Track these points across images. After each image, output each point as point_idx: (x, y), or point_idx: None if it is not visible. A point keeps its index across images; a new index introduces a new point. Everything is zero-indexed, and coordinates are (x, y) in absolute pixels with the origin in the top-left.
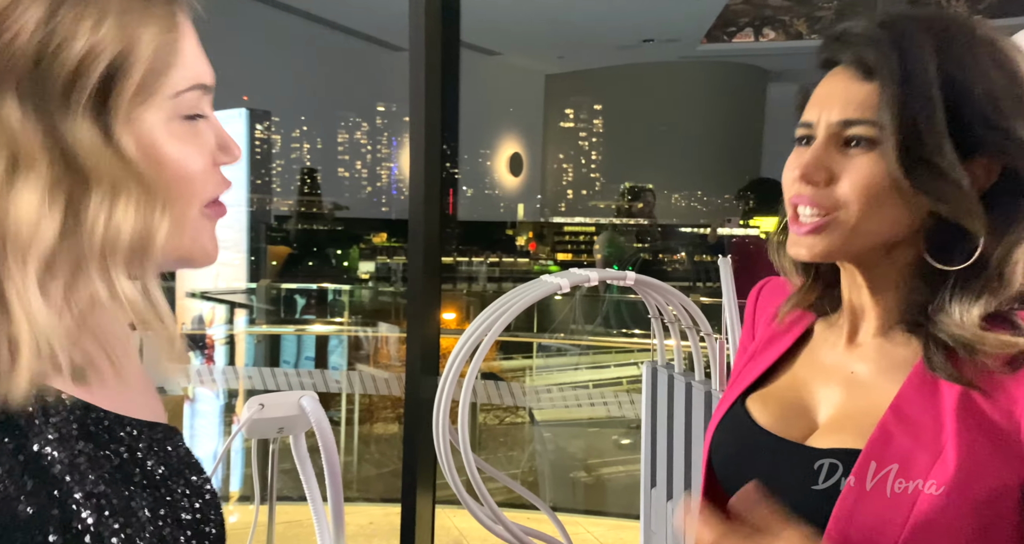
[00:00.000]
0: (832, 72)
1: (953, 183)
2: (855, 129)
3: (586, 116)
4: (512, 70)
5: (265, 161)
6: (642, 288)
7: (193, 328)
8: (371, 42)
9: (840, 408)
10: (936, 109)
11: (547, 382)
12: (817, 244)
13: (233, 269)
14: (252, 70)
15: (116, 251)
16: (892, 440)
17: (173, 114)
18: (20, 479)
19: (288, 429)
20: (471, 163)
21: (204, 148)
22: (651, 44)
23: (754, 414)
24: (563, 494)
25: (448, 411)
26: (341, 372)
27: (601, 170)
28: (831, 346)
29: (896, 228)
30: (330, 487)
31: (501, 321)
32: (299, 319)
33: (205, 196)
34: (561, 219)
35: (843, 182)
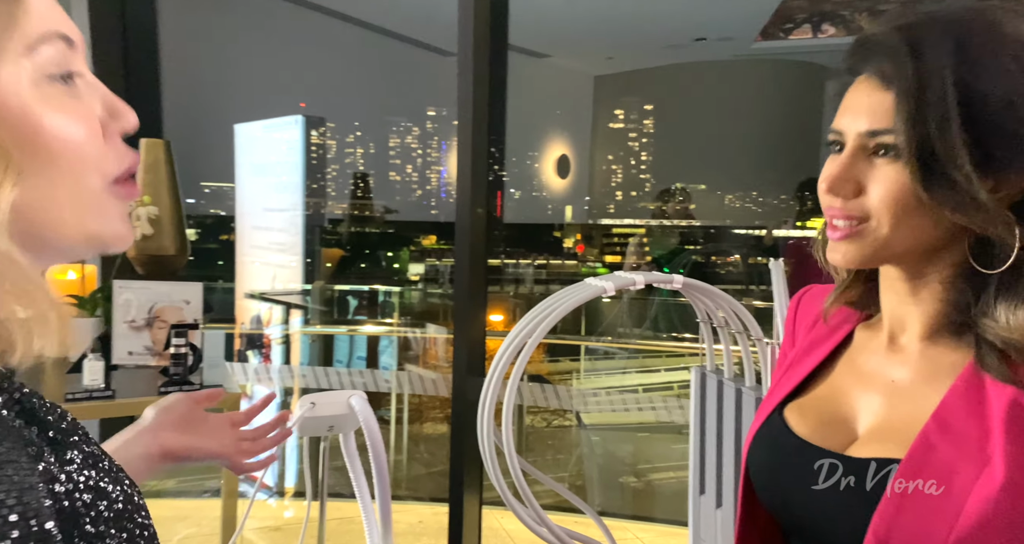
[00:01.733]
0: (858, 80)
1: (970, 196)
2: (881, 139)
3: (636, 116)
4: (561, 72)
5: (320, 166)
6: (690, 292)
7: (251, 328)
8: (422, 48)
9: (880, 417)
10: (951, 121)
11: (595, 385)
12: (850, 251)
13: (289, 271)
14: (309, 78)
15: None
16: (934, 450)
17: (39, 75)
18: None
19: (338, 427)
20: (519, 166)
21: (86, 113)
22: (703, 43)
23: (791, 423)
24: (611, 499)
25: (492, 413)
26: (391, 372)
27: (651, 171)
28: (871, 352)
29: (929, 236)
30: (378, 484)
31: (545, 324)
32: (351, 320)
33: (104, 169)
34: (610, 221)
35: (871, 193)
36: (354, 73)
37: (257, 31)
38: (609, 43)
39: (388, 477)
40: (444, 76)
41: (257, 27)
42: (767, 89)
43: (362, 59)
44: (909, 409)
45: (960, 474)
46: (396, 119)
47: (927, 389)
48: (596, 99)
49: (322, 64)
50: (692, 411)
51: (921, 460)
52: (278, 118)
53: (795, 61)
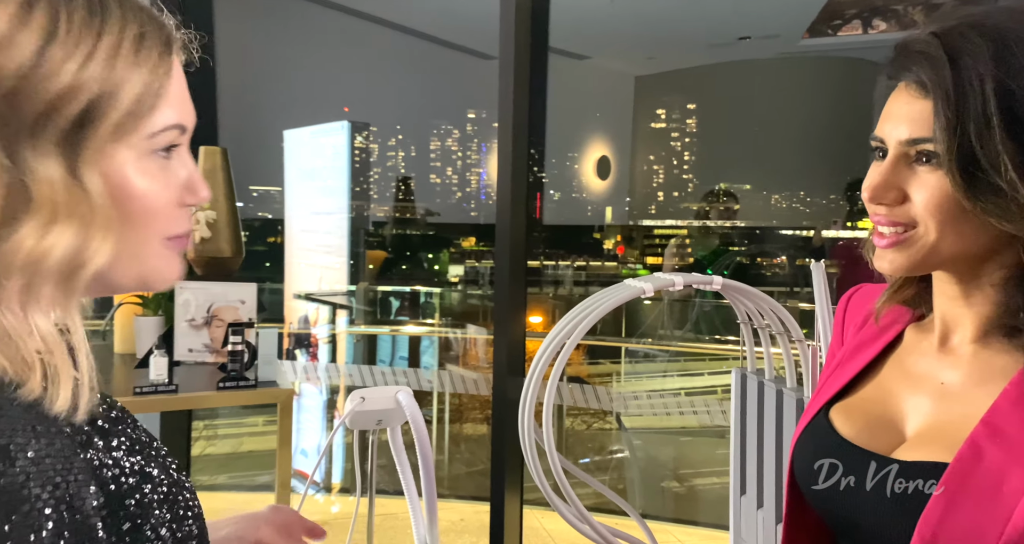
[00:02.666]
0: (899, 86)
1: (1016, 204)
2: (921, 147)
3: (679, 116)
4: (602, 73)
5: (364, 170)
6: (730, 293)
7: (299, 327)
8: (462, 51)
9: (929, 420)
10: (993, 128)
11: (636, 388)
12: (897, 259)
13: (335, 272)
14: (353, 84)
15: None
16: (983, 455)
17: (146, 151)
18: (95, 442)
19: (386, 421)
20: (559, 167)
21: (171, 185)
22: (747, 41)
23: (836, 425)
24: (654, 502)
25: (533, 412)
26: (432, 371)
27: (694, 171)
28: (921, 354)
29: (976, 242)
30: (424, 479)
31: (584, 324)
32: (393, 320)
33: (167, 232)
34: (651, 222)
35: (915, 200)
36: (396, 78)
37: (304, 40)
38: (650, 43)
39: (434, 471)
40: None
41: (304, 36)
42: (814, 87)
43: (403, 64)
44: (959, 412)
45: (1010, 479)
46: (437, 122)
47: (978, 392)
48: (637, 99)
49: (366, 70)
50: (733, 412)
51: (970, 464)
52: (325, 124)
53: (844, 58)
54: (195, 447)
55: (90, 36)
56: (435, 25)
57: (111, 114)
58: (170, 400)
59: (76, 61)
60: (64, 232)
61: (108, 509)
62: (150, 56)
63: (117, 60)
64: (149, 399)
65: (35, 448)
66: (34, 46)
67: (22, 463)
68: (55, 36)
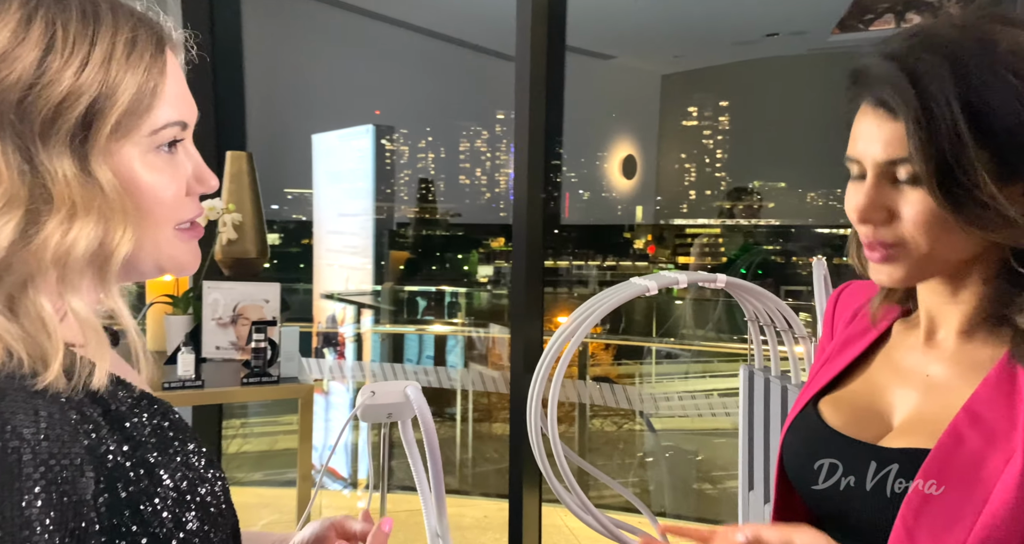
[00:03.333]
0: (863, 108)
1: (999, 215)
2: (901, 167)
3: (711, 113)
4: (627, 72)
5: (393, 172)
6: (736, 291)
7: (327, 327)
8: (489, 54)
9: (914, 410)
10: (966, 146)
11: (669, 389)
12: (895, 272)
13: (361, 273)
14: (384, 88)
15: (68, 266)
16: (964, 441)
17: (150, 147)
18: (117, 439)
19: (396, 415)
20: (588, 166)
21: (178, 176)
22: (775, 38)
23: (825, 416)
24: (683, 503)
25: (539, 405)
26: (458, 370)
27: (727, 169)
28: (908, 347)
29: (967, 249)
30: (432, 472)
31: (588, 322)
32: (420, 319)
33: (178, 219)
34: (683, 221)
35: (904, 218)
36: (425, 81)
37: (337, 46)
38: (675, 42)
39: (441, 465)
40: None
41: (337, 43)
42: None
43: (432, 67)
44: (943, 402)
45: (988, 464)
46: (466, 123)
47: (960, 383)
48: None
49: (396, 74)
50: (741, 408)
51: (951, 450)
52: (351, 128)
53: None
54: (232, 445)
55: (84, 44)
56: (462, 29)
57: (111, 114)
58: (197, 395)
59: (73, 68)
60: (84, 226)
61: (107, 495)
62: (142, 58)
63: (111, 64)
64: (177, 393)
65: (32, 430)
66: (34, 57)
67: (15, 443)
68: (52, 47)
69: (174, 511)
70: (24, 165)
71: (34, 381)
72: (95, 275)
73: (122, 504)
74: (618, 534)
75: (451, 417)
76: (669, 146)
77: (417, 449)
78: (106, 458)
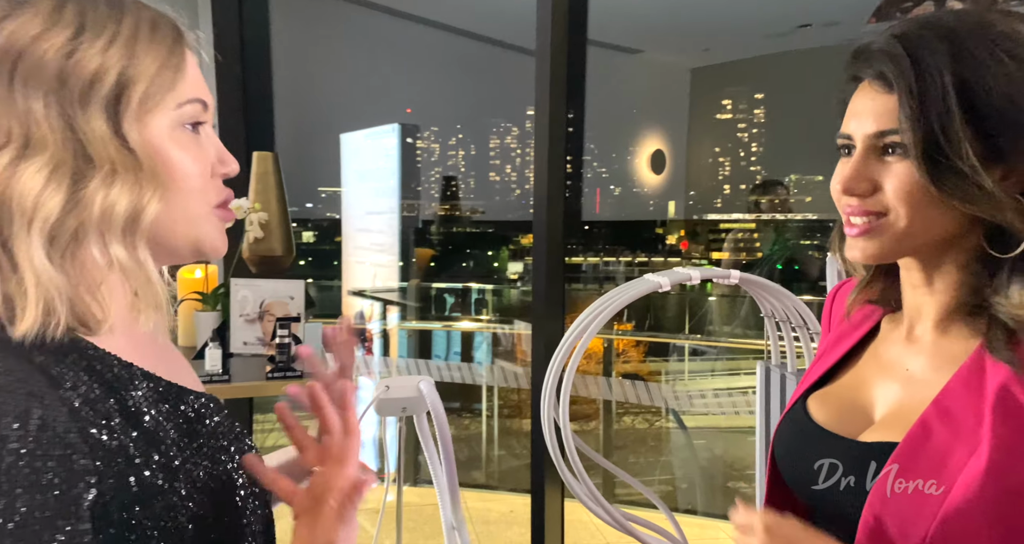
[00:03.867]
0: (861, 87)
1: (977, 186)
2: (889, 139)
3: (746, 106)
4: (655, 67)
5: (425, 169)
6: (751, 287)
7: (356, 323)
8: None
9: (894, 405)
10: (953, 117)
11: (696, 387)
12: (869, 246)
13: (387, 270)
14: (415, 87)
15: (111, 224)
16: (932, 434)
17: (176, 123)
18: (128, 430)
19: (410, 409)
20: (619, 162)
21: (203, 156)
22: (808, 29)
23: (812, 411)
24: (717, 501)
25: (553, 399)
26: (485, 366)
27: (762, 162)
28: (891, 343)
29: (944, 226)
30: (445, 465)
31: (600, 319)
32: (448, 316)
33: (208, 196)
34: (717, 216)
35: (886, 189)
36: (456, 79)
37: (364, 45)
38: (705, 35)
39: (454, 458)
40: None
41: (364, 42)
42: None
43: (461, 65)
44: (918, 396)
45: (953, 456)
46: (496, 120)
47: (936, 377)
48: (695, 91)
49: (426, 73)
50: (758, 405)
51: (919, 443)
52: (377, 127)
53: None
54: (269, 438)
55: (111, 25)
56: (490, 26)
57: (138, 85)
58: (225, 389)
59: (99, 44)
60: (124, 186)
61: (111, 480)
62: (164, 40)
63: (136, 43)
64: (205, 387)
65: None
66: (66, 36)
67: None
68: (83, 28)
69: (188, 503)
70: (67, 131)
71: None
72: (125, 233)
73: (128, 492)
74: (628, 526)
75: (478, 413)
76: (701, 140)
77: (432, 443)
78: (94, 426)
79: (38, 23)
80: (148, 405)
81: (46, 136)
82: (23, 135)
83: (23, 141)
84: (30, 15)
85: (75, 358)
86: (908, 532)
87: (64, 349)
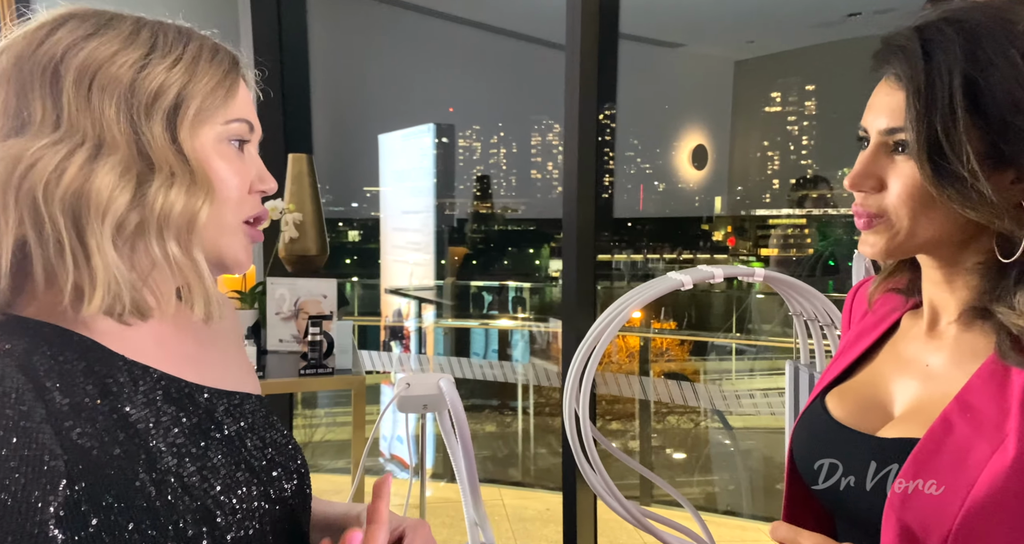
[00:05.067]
0: (882, 80)
1: (976, 192)
2: (898, 136)
3: (796, 98)
4: (697, 60)
5: (465, 168)
6: (777, 285)
7: (393, 320)
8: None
9: (913, 401)
10: (958, 121)
11: (750, 386)
12: (876, 242)
13: (423, 268)
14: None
15: (169, 223)
16: (953, 429)
17: (223, 137)
18: (114, 432)
19: (432, 406)
20: (662, 157)
21: (244, 171)
22: (857, 18)
23: (830, 408)
24: (759, 502)
25: (575, 391)
26: (522, 364)
27: (814, 156)
28: (912, 339)
29: (948, 229)
30: (465, 462)
31: (621, 317)
32: (486, 314)
33: (243, 210)
34: (765, 211)
35: (890, 188)
36: (495, 77)
37: (403, 45)
38: (749, 27)
39: (473, 454)
40: None
41: (402, 42)
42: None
43: (501, 63)
44: (939, 392)
45: (975, 452)
46: (537, 117)
47: (957, 372)
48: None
49: (467, 72)
50: (787, 404)
51: (940, 439)
52: (413, 127)
53: None
54: (316, 433)
55: (179, 48)
56: (528, 24)
57: (192, 101)
58: (260, 385)
59: (166, 64)
60: (180, 189)
61: (80, 466)
62: (221, 65)
63: (197, 65)
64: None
65: None
66: (140, 54)
67: None
68: (155, 48)
69: (179, 499)
70: (133, 135)
71: None
72: (185, 231)
73: (105, 486)
74: (645, 523)
75: (516, 411)
76: (749, 134)
77: (456, 442)
78: (78, 444)
79: (118, 42)
80: (147, 407)
81: (117, 139)
82: (97, 136)
83: (97, 142)
84: (113, 34)
85: (73, 359)
86: (930, 529)
87: (63, 346)
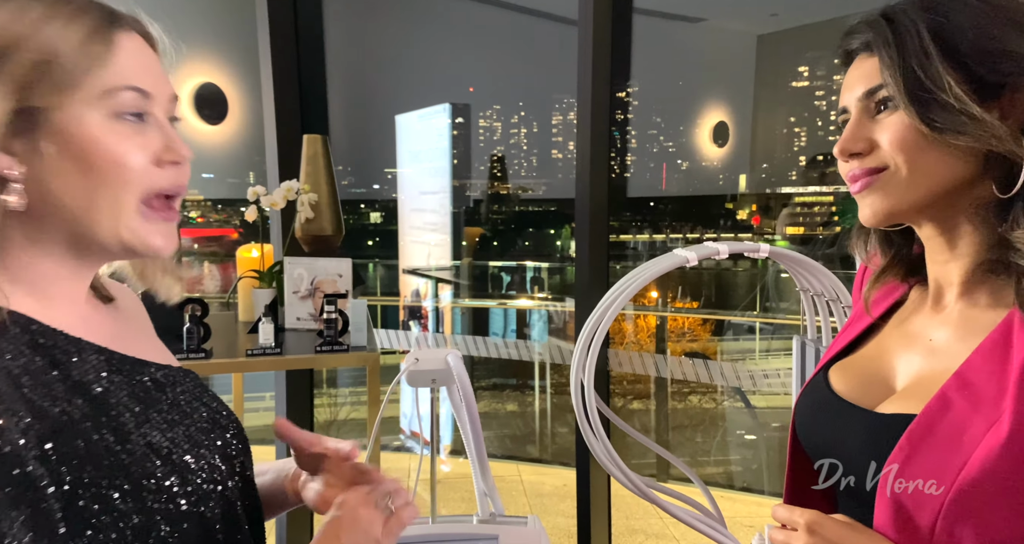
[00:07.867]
0: (852, 64)
1: (967, 115)
2: (879, 95)
3: (824, 73)
4: (719, 35)
5: (487, 147)
6: (783, 261)
7: (411, 300)
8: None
9: (915, 375)
10: (932, 56)
11: (775, 366)
12: (876, 201)
13: (440, 249)
14: (477, 65)
15: None
16: (951, 406)
17: (110, 112)
18: (72, 399)
19: (440, 381)
20: (685, 135)
21: (146, 144)
22: None
23: (832, 381)
24: (776, 479)
25: (582, 368)
26: (540, 343)
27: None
28: (917, 313)
29: (946, 174)
30: (472, 436)
31: (625, 294)
32: (504, 294)
33: (144, 190)
34: (791, 189)
35: (882, 143)
36: (515, 56)
37: (421, 24)
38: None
39: (480, 428)
40: None
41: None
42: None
43: (521, 42)
44: (940, 367)
45: (971, 429)
46: (559, 96)
47: (959, 347)
48: (762, 59)
49: (486, 51)
50: (794, 379)
51: (937, 415)
52: (428, 108)
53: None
54: (341, 412)
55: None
56: (548, 1)
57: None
58: (278, 361)
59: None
60: None
61: (52, 443)
62: (83, 26)
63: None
64: (259, 359)
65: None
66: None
67: None
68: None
69: (143, 464)
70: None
71: None
72: None
73: (78, 458)
74: (649, 493)
75: (534, 389)
76: (774, 110)
77: (466, 415)
78: (43, 407)
79: None
80: (96, 375)
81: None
82: None
83: None
84: None
85: (16, 333)
86: (922, 504)
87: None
